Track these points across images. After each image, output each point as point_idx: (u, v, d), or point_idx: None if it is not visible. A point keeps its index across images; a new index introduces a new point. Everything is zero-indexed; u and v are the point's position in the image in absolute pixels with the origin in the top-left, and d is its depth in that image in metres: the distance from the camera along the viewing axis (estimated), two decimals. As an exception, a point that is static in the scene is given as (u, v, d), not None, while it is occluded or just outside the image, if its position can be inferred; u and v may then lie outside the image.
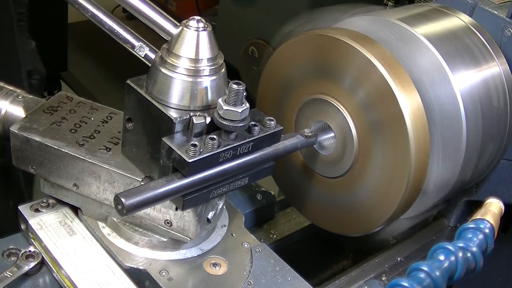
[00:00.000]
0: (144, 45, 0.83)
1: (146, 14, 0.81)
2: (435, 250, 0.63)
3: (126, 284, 0.82)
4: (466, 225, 0.67)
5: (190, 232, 0.84)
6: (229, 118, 0.75)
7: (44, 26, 2.89)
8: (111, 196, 0.85)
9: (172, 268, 0.84)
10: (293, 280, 0.86)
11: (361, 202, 0.92)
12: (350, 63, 0.88)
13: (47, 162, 0.87)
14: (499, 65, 0.99)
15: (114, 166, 0.84)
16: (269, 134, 0.80)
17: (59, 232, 0.88)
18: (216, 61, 0.78)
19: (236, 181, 0.81)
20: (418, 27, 0.94)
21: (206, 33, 0.77)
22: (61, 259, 0.84)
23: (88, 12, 0.84)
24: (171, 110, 0.77)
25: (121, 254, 0.86)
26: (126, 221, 0.87)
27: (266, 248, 0.90)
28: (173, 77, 0.76)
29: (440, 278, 0.59)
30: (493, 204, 0.70)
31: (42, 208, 0.91)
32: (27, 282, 0.85)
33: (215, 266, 0.86)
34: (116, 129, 0.90)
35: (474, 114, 0.92)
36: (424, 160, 0.86)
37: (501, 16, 1.03)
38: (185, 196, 0.76)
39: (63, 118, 0.91)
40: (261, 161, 0.81)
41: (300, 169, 1.00)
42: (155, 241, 0.86)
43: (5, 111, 0.92)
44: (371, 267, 1.06)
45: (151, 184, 0.73)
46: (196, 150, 0.73)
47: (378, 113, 0.87)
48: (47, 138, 0.86)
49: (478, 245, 0.64)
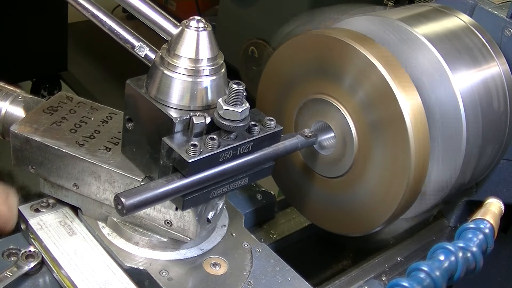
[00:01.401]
0: (144, 45, 0.83)
1: (146, 14, 0.81)
2: (435, 250, 0.63)
3: (126, 284, 0.82)
4: (466, 225, 0.67)
5: (190, 232, 0.84)
6: (229, 118, 0.75)
7: (44, 26, 2.90)
8: (111, 196, 0.85)
9: (172, 268, 0.84)
10: (293, 280, 0.86)
11: (361, 202, 0.92)
12: (350, 63, 0.88)
13: (47, 162, 0.87)
14: (499, 65, 0.99)
15: (114, 166, 0.84)
16: (269, 134, 0.80)
17: (59, 232, 0.88)
18: (216, 61, 0.78)
19: (236, 181, 0.81)
20: (418, 27, 0.94)
21: (206, 33, 0.77)
22: (61, 259, 0.84)
23: (88, 12, 0.84)
24: (171, 110, 0.77)
25: (121, 254, 0.85)
26: (126, 221, 0.87)
27: (266, 248, 0.90)
28: (173, 77, 0.76)
29: (440, 278, 0.59)
30: (493, 204, 0.70)
31: (42, 208, 0.91)
32: (27, 282, 0.85)
33: (215, 266, 0.86)
34: (116, 129, 0.90)
35: (474, 114, 0.91)
36: (424, 160, 0.86)
37: (501, 16, 1.03)
38: (185, 196, 0.76)
39: (63, 118, 0.91)
40: (261, 161, 0.81)
41: (300, 169, 1.00)
42: (155, 241, 0.86)
43: (5, 111, 0.92)
44: (371, 267, 1.06)
45: (151, 184, 0.73)
46: (196, 150, 0.73)
47: (378, 113, 0.87)
48: (47, 138, 0.86)
49: (478, 245, 0.64)
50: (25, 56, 2.88)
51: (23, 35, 2.82)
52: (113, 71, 3.43)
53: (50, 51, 3.00)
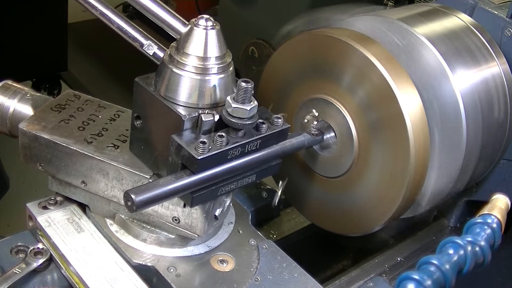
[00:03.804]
0: (152, 44, 0.84)
1: (155, 13, 0.82)
2: (444, 244, 0.63)
3: (134, 281, 0.82)
4: (473, 220, 0.68)
5: (198, 229, 0.85)
6: (238, 116, 0.76)
7: (44, 26, 2.90)
8: (119, 193, 0.86)
9: (179, 264, 0.85)
10: (299, 277, 0.86)
11: (361, 202, 0.92)
12: (350, 63, 0.88)
13: (55, 160, 0.87)
14: (499, 65, 0.99)
15: (122, 164, 0.84)
16: (276, 132, 0.81)
17: (67, 229, 0.88)
18: (224, 60, 0.79)
19: (244, 178, 0.82)
20: (418, 27, 0.94)
21: (215, 32, 0.78)
22: (69, 255, 0.84)
23: (97, 11, 0.85)
24: (179, 108, 0.77)
25: (129, 251, 0.86)
26: (134, 218, 0.88)
27: (273, 245, 0.91)
28: (182, 75, 0.77)
29: (450, 271, 0.60)
30: (499, 200, 0.71)
31: (50, 205, 0.92)
32: (35, 278, 0.85)
33: (222, 262, 0.87)
34: (123, 127, 0.91)
35: (474, 114, 0.92)
36: (424, 160, 0.86)
37: (501, 16, 1.03)
38: (193, 193, 0.77)
39: (71, 116, 0.91)
40: (269, 158, 0.82)
41: (300, 169, 1.00)
42: (162, 238, 0.87)
43: (13, 109, 0.92)
44: (371, 267, 1.06)
45: (161, 181, 0.74)
46: (205, 147, 0.74)
47: (378, 113, 0.87)
48: (55, 135, 0.87)
49: (486, 239, 0.65)
50: (25, 56, 2.88)
51: (23, 35, 2.82)
52: (113, 71, 3.42)
53: (50, 51, 3.00)
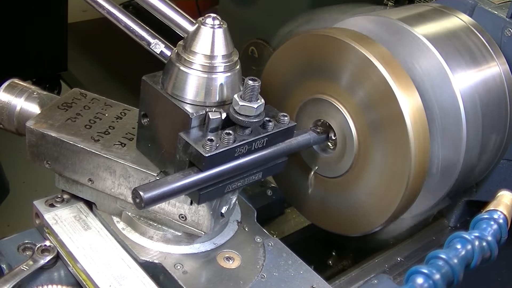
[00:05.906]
0: (159, 42, 0.84)
1: (162, 12, 0.82)
2: (452, 239, 0.64)
3: (141, 278, 0.83)
4: (480, 215, 0.69)
5: (204, 226, 0.85)
6: (245, 114, 0.77)
7: (44, 26, 2.90)
8: (126, 191, 0.86)
9: (186, 261, 0.85)
10: (305, 274, 0.87)
11: (361, 202, 0.92)
12: (350, 63, 0.88)
13: (62, 158, 0.88)
14: (499, 65, 0.99)
15: (129, 161, 0.85)
16: (283, 129, 0.82)
17: (74, 227, 0.89)
18: (231, 58, 0.80)
19: (250, 176, 0.82)
20: (418, 27, 0.94)
21: (222, 30, 0.78)
22: (76, 253, 0.85)
23: (104, 10, 0.85)
24: (187, 106, 0.78)
25: (136, 248, 0.87)
26: (141, 216, 0.88)
27: (278, 243, 0.91)
28: (189, 73, 0.78)
29: (458, 266, 0.61)
30: (505, 196, 0.72)
31: (57, 203, 0.92)
32: (42, 275, 0.86)
33: (228, 260, 0.87)
34: (130, 125, 0.91)
35: (474, 114, 0.92)
36: (424, 160, 0.86)
37: (501, 16, 1.03)
38: (201, 190, 0.77)
39: (78, 114, 0.92)
40: (275, 156, 0.82)
41: (300, 169, 1.00)
42: (169, 235, 0.87)
43: (20, 107, 0.92)
44: (371, 267, 1.06)
45: (169, 178, 0.74)
46: (212, 145, 0.74)
47: (378, 113, 0.87)
48: (62, 133, 0.87)
49: (493, 235, 0.66)
50: (25, 56, 2.88)
51: (23, 35, 2.82)
52: (113, 71, 3.42)
53: (50, 51, 3.00)
